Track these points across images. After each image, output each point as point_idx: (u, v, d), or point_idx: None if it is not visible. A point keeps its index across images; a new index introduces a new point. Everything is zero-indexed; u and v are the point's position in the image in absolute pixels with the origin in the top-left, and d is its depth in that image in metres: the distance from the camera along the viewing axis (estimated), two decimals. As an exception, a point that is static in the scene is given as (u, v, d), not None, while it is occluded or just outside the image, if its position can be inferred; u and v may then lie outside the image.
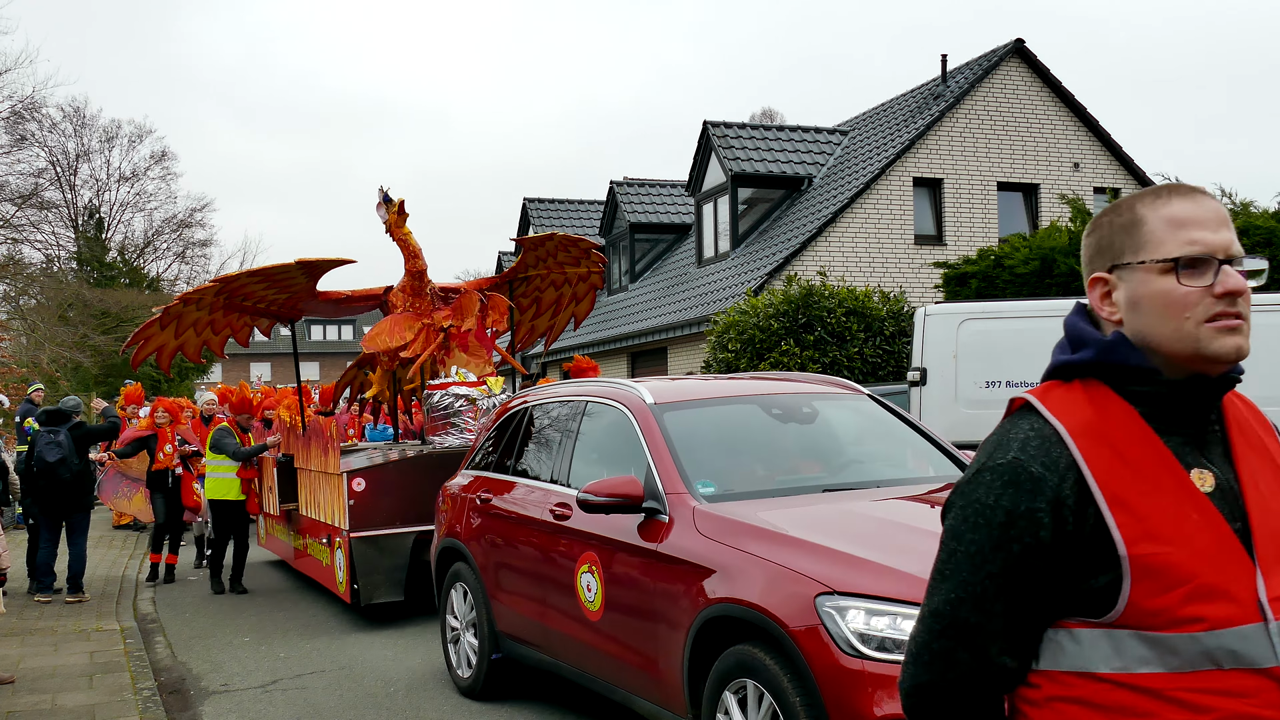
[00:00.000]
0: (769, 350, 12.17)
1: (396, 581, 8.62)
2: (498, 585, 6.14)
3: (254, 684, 7.17)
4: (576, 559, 5.23)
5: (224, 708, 6.62)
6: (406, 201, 9.67)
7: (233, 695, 6.92)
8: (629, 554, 4.81)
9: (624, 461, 5.29)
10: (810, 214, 18.66)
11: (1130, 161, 19.31)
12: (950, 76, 19.96)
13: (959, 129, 18.69)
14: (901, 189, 18.37)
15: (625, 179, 25.54)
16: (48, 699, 6.67)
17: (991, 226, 18.72)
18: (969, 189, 18.76)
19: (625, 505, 4.75)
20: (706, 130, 20.49)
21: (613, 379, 6.06)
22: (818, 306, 12.21)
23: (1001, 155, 18.89)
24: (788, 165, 20.38)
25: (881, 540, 4.04)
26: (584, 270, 11.27)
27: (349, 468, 8.62)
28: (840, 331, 12.11)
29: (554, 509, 5.53)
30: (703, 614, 4.23)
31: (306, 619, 9.20)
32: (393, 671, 7.30)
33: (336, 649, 8.01)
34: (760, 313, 12.37)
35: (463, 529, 6.57)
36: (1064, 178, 19.07)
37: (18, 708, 6.48)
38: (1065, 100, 19.10)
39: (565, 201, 28.04)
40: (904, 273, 18.09)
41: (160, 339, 10.00)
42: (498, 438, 6.79)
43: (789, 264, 17.17)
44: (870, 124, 21.08)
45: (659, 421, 5.14)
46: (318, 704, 6.61)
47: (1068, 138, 19.19)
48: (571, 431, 5.90)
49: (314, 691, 6.91)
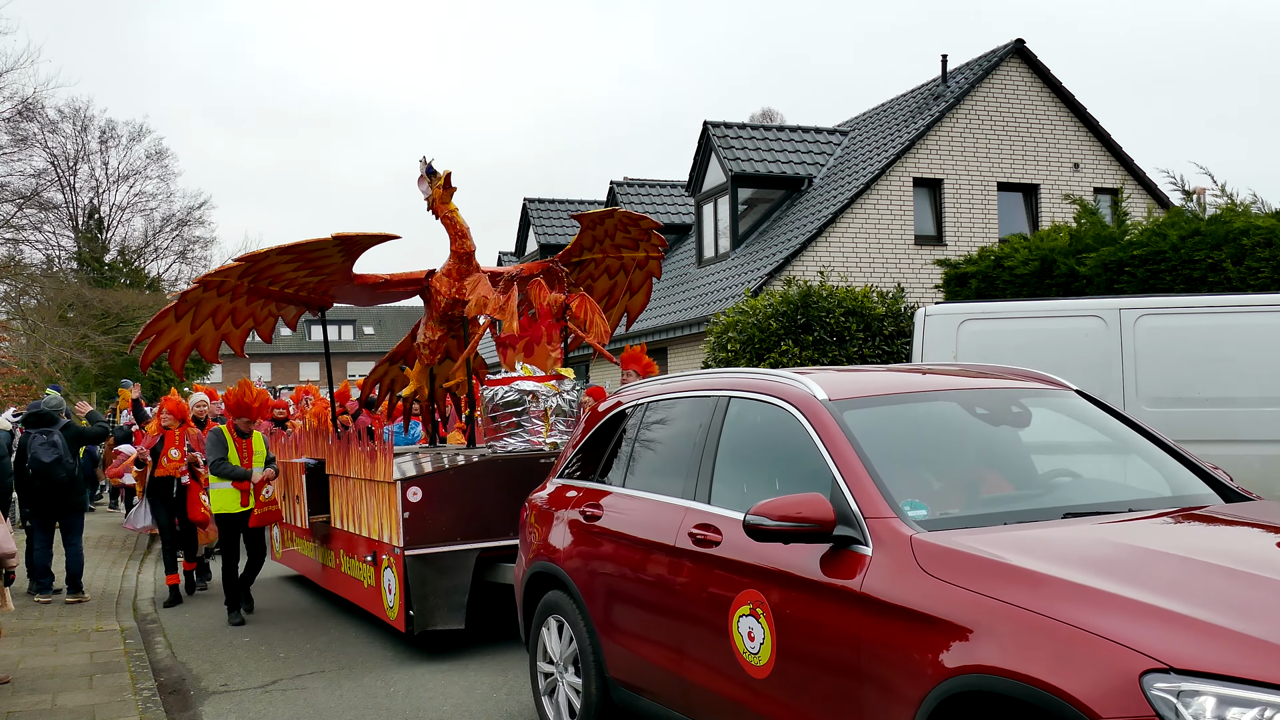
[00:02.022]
0: (768, 350, 12.17)
1: (457, 606, 7.50)
2: (610, 622, 5.06)
3: (254, 684, 7.17)
4: (732, 597, 4.17)
5: (224, 708, 6.62)
6: (450, 176, 8.81)
7: (233, 695, 6.91)
8: (813, 595, 3.78)
9: (790, 474, 4.37)
10: (810, 214, 18.67)
11: (1130, 161, 19.32)
12: (950, 77, 19.96)
13: (959, 129, 18.70)
14: (901, 189, 18.37)
15: (625, 179, 25.54)
16: (47, 699, 6.67)
17: (991, 227, 18.72)
18: (969, 189, 18.76)
19: (809, 532, 3.73)
20: (706, 130, 20.49)
21: (762, 370, 4.86)
22: (817, 307, 12.21)
23: (1001, 155, 18.89)
24: (788, 165, 20.38)
25: (1201, 590, 3.00)
26: (642, 255, 10.22)
27: (403, 474, 7.58)
28: (840, 332, 12.11)
29: (694, 532, 4.49)
30: (943, 687, 3.20)
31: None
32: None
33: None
34: (760, 313, 12.37)
35: (561, 551, 5.50)
36: (1064, 178, 19.07)
37: (18, 708, 6.48)
38: (1065, 100, 19.11)
39: (565, 202, 28.03)
40: (904, 273, 18.09)
41: (175, 332, 8.95)
42: (600, 441, 5.73)
43: (789, 264, 17.18)
44: (870, 124, 21.09)
45: (840, 423, 4.09)
46: (318, 704, 6.61)
47: (1068, 138, 19.20)
48: (709, 435, 4.76)
49: (314, 691, 6.90)
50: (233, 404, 9.40)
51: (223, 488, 9.21)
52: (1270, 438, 7.23)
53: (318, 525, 9.40)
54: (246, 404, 9.34)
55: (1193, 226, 9.34)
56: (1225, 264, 8.95)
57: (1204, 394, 7.44)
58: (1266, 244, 8.81)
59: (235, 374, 51.40)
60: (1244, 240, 8.88)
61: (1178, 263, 9.24)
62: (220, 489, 9.24)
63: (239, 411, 9.35)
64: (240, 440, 9.27)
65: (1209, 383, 7.46)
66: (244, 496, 9.22)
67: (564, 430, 8.16)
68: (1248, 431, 7.27)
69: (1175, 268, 9.26)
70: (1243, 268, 8.87)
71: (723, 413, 4.75)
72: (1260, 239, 8.82)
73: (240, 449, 9.23)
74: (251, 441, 9.32)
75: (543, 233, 26.73)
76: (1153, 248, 9.41)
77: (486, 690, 6.73)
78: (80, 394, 25.70)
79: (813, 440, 4.11)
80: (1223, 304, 7.66)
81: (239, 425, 9.33)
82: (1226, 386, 7.42)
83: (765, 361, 12.21)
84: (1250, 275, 8.83)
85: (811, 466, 4.07)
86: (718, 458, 4.66)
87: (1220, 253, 8.99)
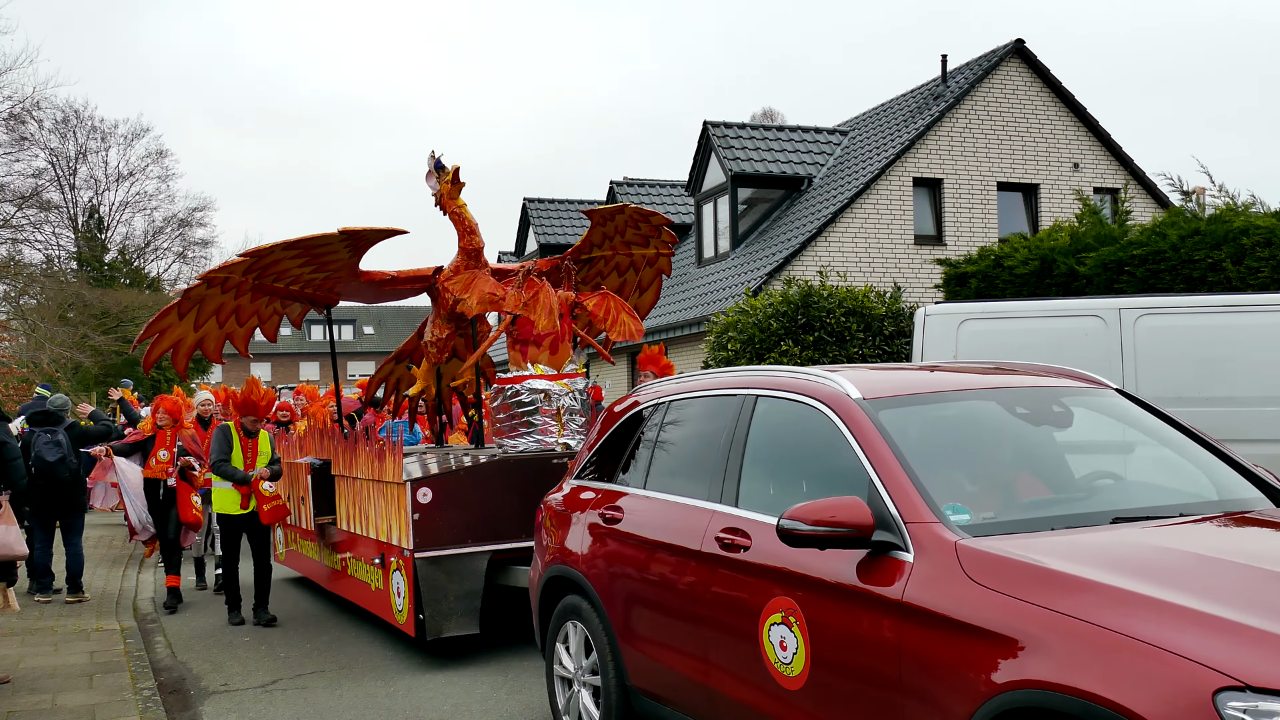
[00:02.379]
0: (768, 350, 12.17)
1: (470, 611, 7.35)
2: (630, 628, 4.89)
3: (254, 684, 7.17)
4: (762, 604, 4.00)
5: (224, 708, 6.62)
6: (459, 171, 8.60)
7: (233, 695, 6.92)
8: (850, 602, 3.62)
9: (820, 476, 4.21)
10: (810, 214, 18.67)
11: (1130, 161, 19.33)
12: (950, 77, 19.97)
13: (959, 129, 18.70)
14: (901, 189, 18.38)
15: (625, 179, 25.54)
16: (48, 699, 6.67)
17: (991, 226, 18.73)
18: (969, 189, 18.77)
19: (847, 537, 3.57)
20: (706, 130, 20.50)
21: (790, 367, 4.69)
22: (817, 307, 12.21)
23: (1001, 155, 18.90)
24: (788, 165, 20.39)
25: (1270, 601, 2.84)
26: (652, 252, 10.03)
27: (412, 475, 7.42)
28: (839, 331, 12.11)
29: (721, 536, 4.31)
30: (993, 703, 3.03)
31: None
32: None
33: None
34: (760, 313, 12.38)
35: (579, 555, 5.32)
36: (1064, 178, 19.08)
37: (18, 708, 6.48)
38: (1065, 100, 19.11)
39: (565, 201, 28.04)
40: (904, 273, 18.10)
41: (178, 331, 8.72)
42: (618, 442, 5.55)
43: (789, 264, 17.18)
44: (870, 124, 21.09)
45: (876, 423, 3.91)
46: (318, 704, 6.61)
47: (1068, 138, 19.20)
48: (734, 436, 4.57)
49: (314, 691, 6.91)
50: (240, 402, 9.21)
51: (224, 488, 9.06)
52: (1270, 437, 7.22)
53: (323, 527, 9.26)
54: (254, 402, 9.15)
55: (1192, 226, 9.35)
56: (1225, 264, 8.95)
57: (1204, 394, 7.44)
58: (1266, 244, 8.81)
59: (236, 374, 51.48)
60: (1244, 240, 8.88)
61: (1177, 262, 9.24)
62: (221, 489, 9.09)
63: (247, 410, 9.15)
64: (246, 440, 9.15)
65: (1209, 382, 7.46)
66: (244, 499, 9.06)
67: (577, 430, 8.03)
68: (1248, 431, 7.26)
69: (1175, 267, 9.26)
70: (1242, 267, 8.87)
71: (749, 412, 4.55)
72: (1260, 239, 8.82)
73: (246, 448, 9.12)
74: (257, 441, 9.19)
75: (543, 232, 26.74)
76: (1152, 247, 9.41)
77: (487, 690, 6.73)
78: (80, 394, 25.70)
79: (847, 441, 3.94)
80: (1223, 304, 7.66)
81: (246, 424, 9.16)
82: (1226, 386, 7.42)
83: (765, 361, 12.21)
84: (1250, 275, 8.83)
85: (844, 468, 3.91)
86: (745, 459, 4.46)
87: (1220, 252, 8.99)
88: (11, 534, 6.88)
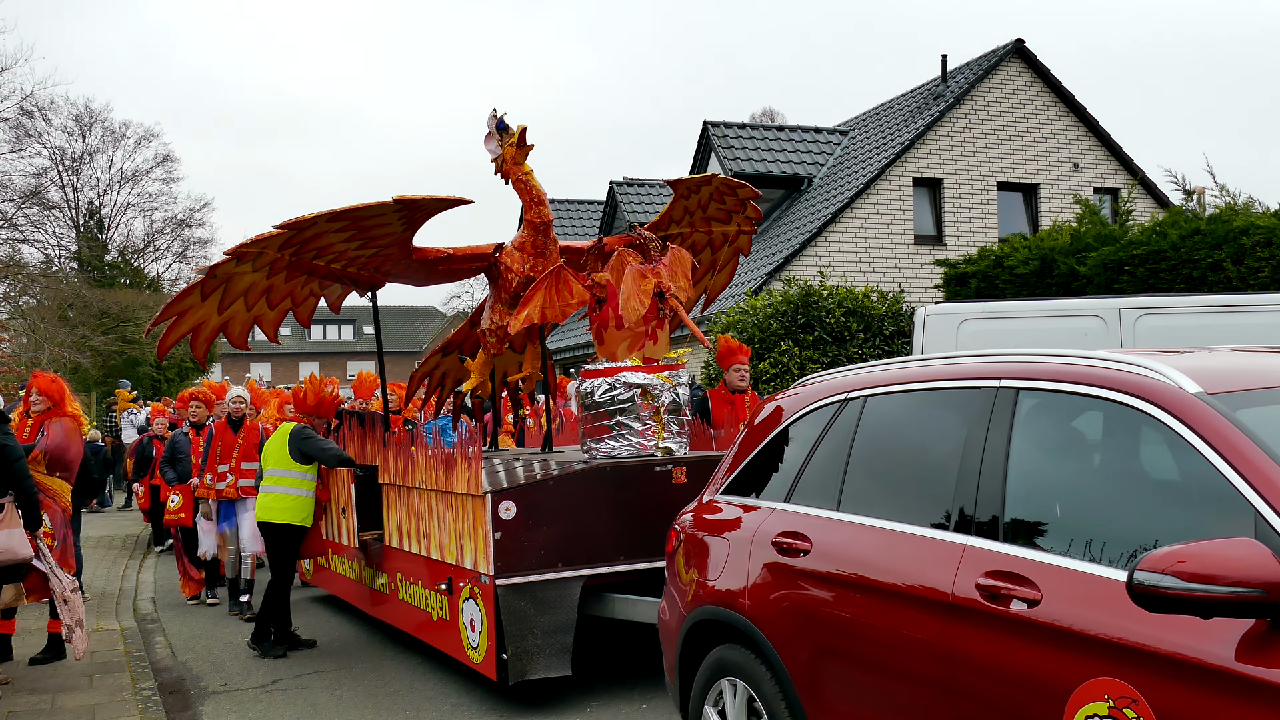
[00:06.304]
0: (768, 350, 12.17)
1: (561, 649, 6.14)
2: (823, 695, 3.71)
3: (254, 684, 7.17)
4: (1070, 687, 2.79)
5: (224, 708, 6.63)
6: (525, 133, 7.42)
7: (233, 695, 6.92)
8: (1232, 695, 2.43)
9: (1142, 504, 3.02)
10: (810, 214, 18.69)
11: (1130, 161, 19.35)
12: (950, 76, 19.99)
13: (959, 129, 18.71)
14: (901, 189, 18.39)
15: (625, 179, 25.54)
16: (48, 699, 6.67)
17: (991, 226, 18.74)
18: (969, 189, 18.78)
19: (1249, 601, 2.37)
20: (706, 130, 20.51)
21: (1063, 351, 3.43)
22: (817, 307, 12.22)
23: (1001, 155, 18.91)
24: (787, 165, 20.40)
25: None
26: (733, 229, 9.05)
27: (494, 485, 6.24)
28: (839, 331, 12.11)
29: (985, 583, 3.11)
30: None
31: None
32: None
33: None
34: (760, 313, 12.38)
35: (744, 593, 4.16)
36: (1064, 178, 19.09)
37: (17, 708, 6.49)
38: (1065, 100, 19.13)
39: (565, 201, 28.04)
40: (904, 273, 18.11)
41: (200, 313, 7.52)
42: (785, 450, 4.44)
43: (789, 264, 17.19)
44: (870, 124, 21.11)
45: (1244, 430, 2.74)
46: (318, 704, 6.61)
47: (1068, 138, 19.22)
48: (989, 444, 3.38)
49: (314, 691, 6.91)
50: (311, 402, 8.35)
51: (298, 494, 8.03)
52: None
53: (368, 543, 8.14)
54: (330, 400, 8.30)
55: (1193, 226, 9.36)
56: (1225, 263, 8.96)
57: (1204, 394, 7.43)
58: (1266, 244, 8.81)
59: (236, 373, 51.42)
60: (1244, 240, 8.89)
61: (1178, 262, 9.25)
62: (294, 495, 8.04)
63: (318, 410, 8.32)
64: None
65: (1209, 382, 7.45)
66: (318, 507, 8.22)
67: (677, 432, 6.86)
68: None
69: (1175, 267, 9.27)
70: (1242, 267, 8.87)
71: (1008, 411, 3.38)
72: (1260, 238, 8.83)
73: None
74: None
75: (543, 232, 26.70)
76: (1152, 247, 9.41)
77: (487, 690, 6.73)
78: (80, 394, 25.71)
79: (1197, 453, 2.78)
80: (1222, 304, 7.67)
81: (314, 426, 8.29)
82: (1226, 386, 7.41)
83: (765, 361, 12.20)
84: (1250, 275, 8.83)
85: (1186, 493, 2.86)
86: (1008, 476, 3.27)
87: (1220, 252, 9.00)
88: (15, 538, 6.88)
